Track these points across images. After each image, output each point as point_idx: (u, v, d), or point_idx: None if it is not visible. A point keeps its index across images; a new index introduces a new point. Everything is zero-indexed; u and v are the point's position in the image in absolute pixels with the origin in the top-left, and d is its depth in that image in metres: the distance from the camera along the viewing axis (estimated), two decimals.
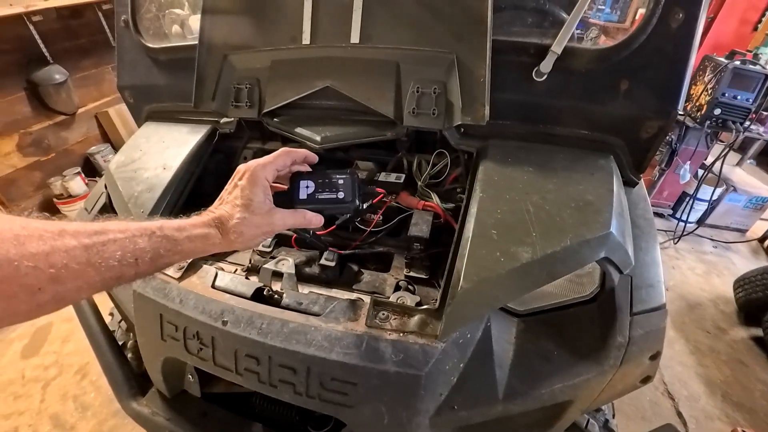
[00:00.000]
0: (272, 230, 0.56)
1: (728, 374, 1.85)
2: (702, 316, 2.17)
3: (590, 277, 0.79)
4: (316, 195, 0.61)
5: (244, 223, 0.53)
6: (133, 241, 0.43)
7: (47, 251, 0.35)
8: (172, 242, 0.47)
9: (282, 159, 0.59)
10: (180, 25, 1.54)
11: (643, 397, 1.72)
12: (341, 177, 0.62)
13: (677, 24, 0.77)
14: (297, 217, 0.58)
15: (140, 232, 0.45)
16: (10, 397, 1.74)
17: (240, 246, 0.55)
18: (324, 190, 0.61)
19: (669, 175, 2.66)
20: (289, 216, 0.57)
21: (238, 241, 0.54)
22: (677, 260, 2.60)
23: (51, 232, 0.37)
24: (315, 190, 0.61)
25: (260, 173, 0.55)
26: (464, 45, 0.84)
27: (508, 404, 0.67)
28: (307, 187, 0.61)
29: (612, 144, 0.88)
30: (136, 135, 1.17)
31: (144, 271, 0.45)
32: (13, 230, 0.34)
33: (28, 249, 0.34)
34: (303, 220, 0.59)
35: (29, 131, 2.65)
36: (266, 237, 0.57)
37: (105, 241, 0.41)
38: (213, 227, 0.52)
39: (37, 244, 0.35)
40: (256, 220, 0.54)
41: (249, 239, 0.54)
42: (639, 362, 0.73)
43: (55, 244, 0.36)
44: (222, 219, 0.53)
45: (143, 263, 0.44)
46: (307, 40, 0.93)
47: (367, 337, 0.65)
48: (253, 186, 0.54)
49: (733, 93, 2.10)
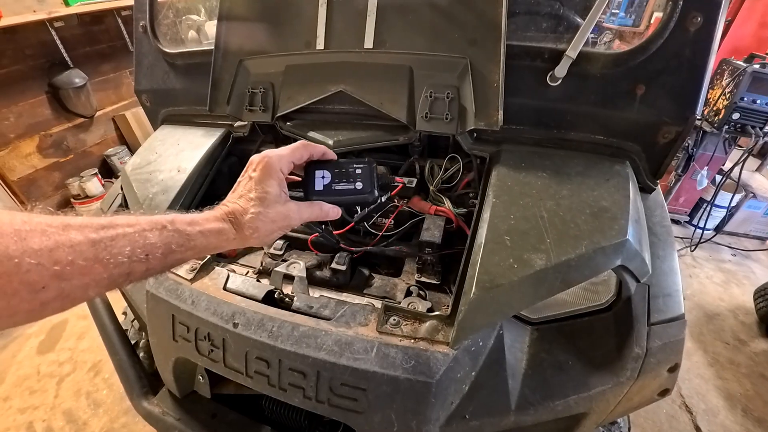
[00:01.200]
0: (289, 224, 0.53)
1: (749, 388, 1.78)
2: (721, 327, 2.11)
3: (606, 285, 0.77)
4: (332, 186, 0.57)
5: (259, 217, 0.50)
6: (143, 236, 0.40)
7: (51, 246, 0.33)
8: (184, 237, 0.44)
9: (299, 152, 0.56)
10: (196, 30, 1.57)
11: (660, 410, 1.67)
12: (359, 166, 0.59)
13: (695, 28, 0.76)
14: (314, 209, 0.55)
15: (150, 226, 0.42)
16: (26, 391, 1.78)
17: (256, 242, 0.52)
18: (341, 181, 0.57)
19: (686, 181, 2.60)
20: (305, 209, 0.54)
21: (253, 237, 0.50)
22: (694, 268, 2.53)
23: (55, 227, 0.35)
24: (331, 180, 0.57)
25: (276, 165, 0.52)
26: (478, 50, 0.83)
27: (520, 415, 0.66)
28: (323, 177, 0.57)
29: (628, 149, 0.86)
30: (152, 138, 1.19)
31: (155, 267, 0.42)
32: (13, 225, 0.32)
33: (29, 244, 0.32)
34: (320, 212, 0.56)
35: (49, 133, 2.74)
36: (283, 231, 0.54)
37: (113, 236, 0.38)
38: (227, 222, 0.49)
39: (40, 239, 0.33)
40: (272, 214, 0.50)
41: (265, 235, 0.51)
42: (657, 374, 0.71)
43: (60, 239, 0.34)
44: (236, 213, 0.50)
45: (154, 259, 0.41)
46: (321, 45, 0.94)
47: (378, 342, 0.65)
48: (268, 178, 0.51)
49: (752, 97, 2.05)
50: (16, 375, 1.86)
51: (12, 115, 2.50)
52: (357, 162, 0.59)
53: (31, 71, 2.59)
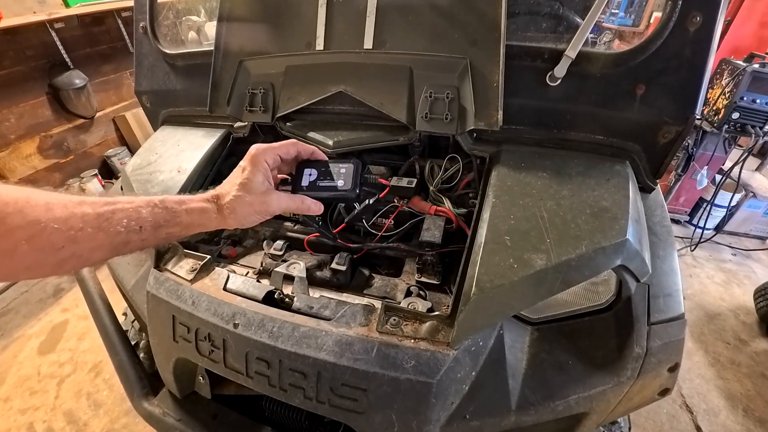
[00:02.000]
0: (266, 210, 0.58)
1: (750, 388, 1.78)
2: (722, 326, 2.11)
3: (606, 285, 0.77)
4: (317, 182, 0.62)
5: (238, 200, 0.55)
6: (137, 211, 0.49)
7: (67, 216, 0.43)
8: (171, 213, 0.52)
9: (287, 147, 0.62)
10: (196, 31, 1.58)
11: (661, 410, 1.67)
12: (344, 166, 0.64)
13: (695, 27, 0.76)
14: (295, 201, 0.60)
15: (144, 203, 0.50)
16: (26, 392, 1.78)
17: (233, 223, 0.57)
18: (326, 179, 0.63)
19: (686, 181, 2.60)
20: (285, 198, 0.59)
21: (230, 218, 0.56)
22: (695, 268, 2.53)
23: (73, 203, 0.44)
24: (317, 177, 0.63)
25: (261, 156, 0.58)
26: (478, 50, 0.84)
27: (521, 415, 0.66)
28: (310, 174, 0.63)
29: (628, 149, 0.86)
30: (152, 138, 1.19)
31: (148, 238, 0.50)
32: (45, 199, 0.42)
33: (54, 213, 0.42)
34: (302, 205, 0.60)
35: (50, 134, 2.74)
36: (261, 217, 0.58)
37: (114, 210, 0.47)
38: (211, 202, 0.56)
39: (62, 210, 0.43)
40: (250, 198, 0.56)
41: (242, 217, 0.56)
42: (657, 374, 0.71)
43: (75, 211, 0.44)
44: (220, 196, 0.56)
45: (146, 231, 0.49)
46: (321, 45, 0.94)
47: (378, 342, 0.65)
48: (252, 167, 0.57)
49: (751, 97, 2.05)
50: (16, 376, 1.86)
51: (12, 116, 2.50)
52: (343, 162, 0.64)
53: (32, 72, 2.59)
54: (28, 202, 0.40)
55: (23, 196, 0.40)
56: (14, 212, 0.39)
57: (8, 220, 0.38)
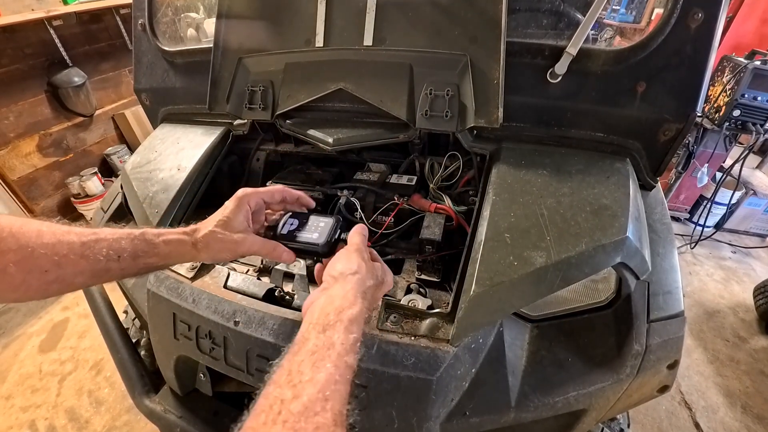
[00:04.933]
0: (236, 249, 0.59)
1: (748, 385, 1.79)
2: (721, 324, 2.11)
3: (606, 282, 0.77)
4: (294, 233, 0.65)
5: (212, 236, 0.58)
6: (117, 242, 0.52)
7: (55, 242, 0.47)
8: (149, 245, 0.55)
9: (272, 193, 0.66)
10: (195, 28, 1.57)
11: (660, 407, 1.68)
12: (324, 220, 0.66)
13: (696, 24, 0.75)
14: (266, 246, 0.62)
15: (126, 235, 0.54)
16: (27, 390, 1.78)
17: (205, 257, 0.59)
18: (303, 230, 0.65)
19: (686, 179, 2.60)
20: (258, 243, 0.61)
21: (202, 252, 0.58)
22: (695, 266, 2.54)
23: (61, 231, 0.49)
24: (296, 228, 0.66)
25: (245, 198, 0.62)
26: (478, 47, 0.83)
27: (520, 412, 0.66)
28: (291, 224, 0.66)
29: (628, 147, 0.86)
30: (151, 136, 1.19)
31: (127, 267, 0.53)
32: (37, 227, 0.47)
33: (43, 239, 0.46)
34: (272, 251, 0.62)
35: (49, 132, 2.73)
36: (232, 255, 0.60)
37: (96, 239, 0.51)
38: (188, 235, 0.58)
39: (50, 237, 0.47)
40: (223, 236, 0.58)
41: (214, 252, 0.59)
42: (656, 371, 0.71)
43: (62, 238, 0.48)
44: (197, 229, 0.59)
45: (124, 260, 0.52)
46: (321, 43, 0.94)
47: (378, 340, 0.65)
48: (235, 207, 0.60)
49: (753, 94, 2.04)
50: (18, 374, 1.87)
51: (12, 115, 2.49)
52: (326, 217, 0.67)
53: (31, 70, 2.58)
54: (21, 229, 0.45)
55: (18, 224, 0.45)
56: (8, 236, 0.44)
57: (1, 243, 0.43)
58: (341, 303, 0.46)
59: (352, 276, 0.52)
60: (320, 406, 0.34)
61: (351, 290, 0.49)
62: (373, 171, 1.07)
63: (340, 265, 0.54)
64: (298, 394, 0.34)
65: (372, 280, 0.54)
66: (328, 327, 0.43)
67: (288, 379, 0.36)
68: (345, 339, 0.41)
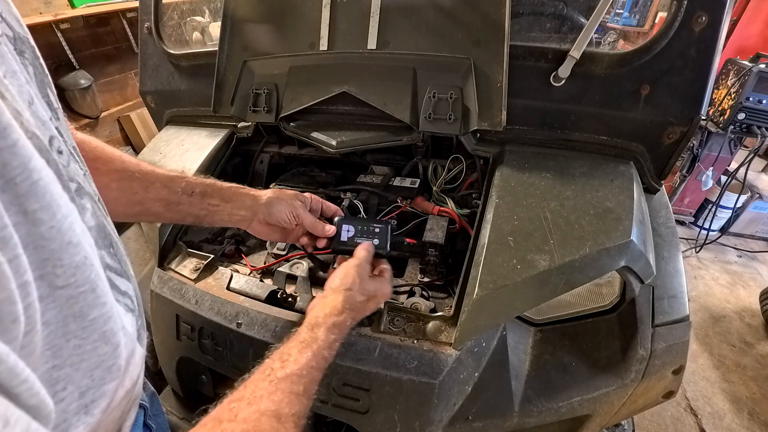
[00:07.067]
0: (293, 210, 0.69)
1: (755, 391, 1.77)
2: (727, 329, 2.09)
3: (610, 286, 0.76)
4: (355, 238, 0.72)
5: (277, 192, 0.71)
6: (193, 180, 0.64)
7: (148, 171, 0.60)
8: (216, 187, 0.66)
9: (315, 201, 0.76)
10: (200, 32, 1.58)
11: (665, 412, 1.66)
12: (378, 225, 0.74)
13: (700, 27, 0.75)
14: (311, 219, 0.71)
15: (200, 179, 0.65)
16: None
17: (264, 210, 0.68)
18: (362, 235, 0.73)
19: (691, 182, 2.58)
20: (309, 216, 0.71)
21: (264, 205, 0.68)
22: (700, 270, 2.51)
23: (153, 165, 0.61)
24: (354, 234, 0.73)
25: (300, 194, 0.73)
26: (481, 50, 0.83)
27: (524, 416, 0.66)
28: (348, 230, 0.73)
29: (632, 150, 0.85)
30: (156, 138, 1.20)
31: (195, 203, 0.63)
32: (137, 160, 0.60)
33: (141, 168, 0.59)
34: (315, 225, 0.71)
35: None
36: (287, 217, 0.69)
37: (178, 176, 0.63)
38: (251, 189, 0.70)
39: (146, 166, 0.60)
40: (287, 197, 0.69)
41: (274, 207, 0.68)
42: (661, 376, 0.71)
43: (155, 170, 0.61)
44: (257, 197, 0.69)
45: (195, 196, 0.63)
46: (325, 46, 0.94)
47: (381, 343, 0.65)
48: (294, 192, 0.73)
49: (758, 97, 2.03)
50: None
51: None
52: (377, 223, 0.75)
53: None
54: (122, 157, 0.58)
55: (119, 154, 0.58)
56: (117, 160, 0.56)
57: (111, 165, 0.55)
58: (330, 311, 0.56)
59: (345, 291, 0.60)
60: (297, 378, 0.46)
61: (341, 302, 0.58)
62: (376, 174, 1.08)
63: (338, 280, 0.61)
64: (284, 367, 0.47)
65: (362, 296, 0.61)
66: (316, 326, 0.54)
67: (279, 356, 0.49)
68: (326, 337, 0.53)
